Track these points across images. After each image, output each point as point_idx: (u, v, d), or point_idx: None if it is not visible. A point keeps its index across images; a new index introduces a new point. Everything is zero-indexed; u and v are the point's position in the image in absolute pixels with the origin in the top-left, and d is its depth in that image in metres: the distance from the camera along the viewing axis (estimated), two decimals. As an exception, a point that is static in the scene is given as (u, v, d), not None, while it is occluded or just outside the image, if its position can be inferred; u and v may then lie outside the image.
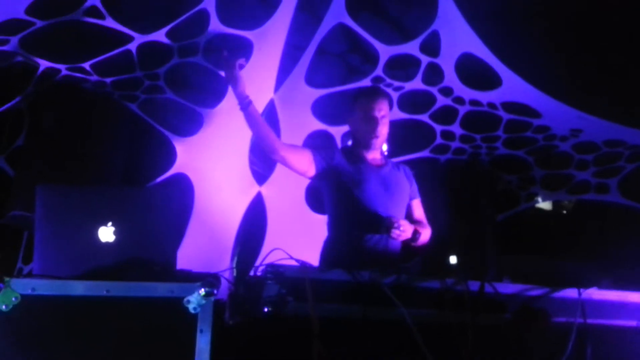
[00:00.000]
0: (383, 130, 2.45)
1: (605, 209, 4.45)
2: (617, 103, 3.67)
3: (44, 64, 3.26)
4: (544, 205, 4.89)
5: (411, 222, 2.44)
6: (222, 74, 2.36)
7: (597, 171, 4.32)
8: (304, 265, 1.61)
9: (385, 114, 2.45)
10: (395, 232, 2.27)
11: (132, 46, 3.25)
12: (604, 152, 4.16)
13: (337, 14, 3.51)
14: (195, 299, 1.46)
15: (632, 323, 1.96)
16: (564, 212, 5.02)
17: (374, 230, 2.34)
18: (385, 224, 2.29)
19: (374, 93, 2.52)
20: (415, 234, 2.35)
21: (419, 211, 2.58)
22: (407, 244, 2.42)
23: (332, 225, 2.48)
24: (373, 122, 2.41)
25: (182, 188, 3.87)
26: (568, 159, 4.29)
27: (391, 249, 2.39)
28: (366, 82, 3.84)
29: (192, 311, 1.46)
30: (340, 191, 2.40)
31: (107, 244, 1.55)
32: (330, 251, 2.44)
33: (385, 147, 2.56)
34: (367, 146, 2.48)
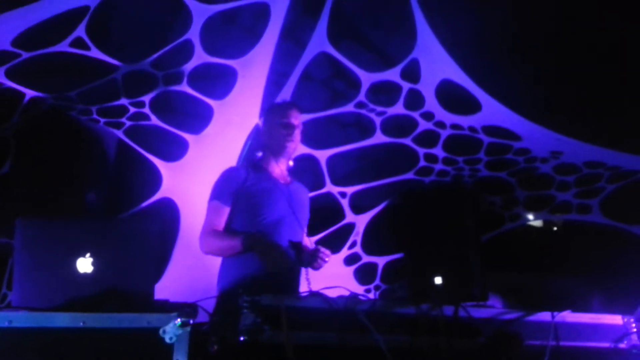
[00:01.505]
0: (297, 137, 2.51)
1: (590, 227, 4.51)
2: (595, 125, 3.76)
3: (29, 93, 3.30)
4: (535, 223, 4.93)
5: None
6: None
7: (578, 192, 4.38)
8: (279, 294, 1.65)
9: (299, 125, 2.53)
10: (320, 264, 2.25)
11: (118, 75, 3.32)
12: (584, 174, 4.22)
13: (319, 43, 3.61)
14: (171, 329, 1.48)
15: (606, 344, 1.99)
16: (555, 229, 5.07)
17: (285, 255, 2.25)
18: (312, 254, 2.27)
19: (291, 104, 2.63)
20: None
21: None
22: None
23: None
24: (290, 127, 2.48)
25: (168, 212, 3.89)
26: (549, 180, 4.36)
27: (294, 271, 2.36)
28: (349, 107, 3.93)
29: (168, 341, 1.48)
30: (248, 210, 2.34)
31: (85, 275, 1.58)
32: (229, 273, 2.33)
33: (290, 163, 2.56)
34: (280, 152, 2.48)
